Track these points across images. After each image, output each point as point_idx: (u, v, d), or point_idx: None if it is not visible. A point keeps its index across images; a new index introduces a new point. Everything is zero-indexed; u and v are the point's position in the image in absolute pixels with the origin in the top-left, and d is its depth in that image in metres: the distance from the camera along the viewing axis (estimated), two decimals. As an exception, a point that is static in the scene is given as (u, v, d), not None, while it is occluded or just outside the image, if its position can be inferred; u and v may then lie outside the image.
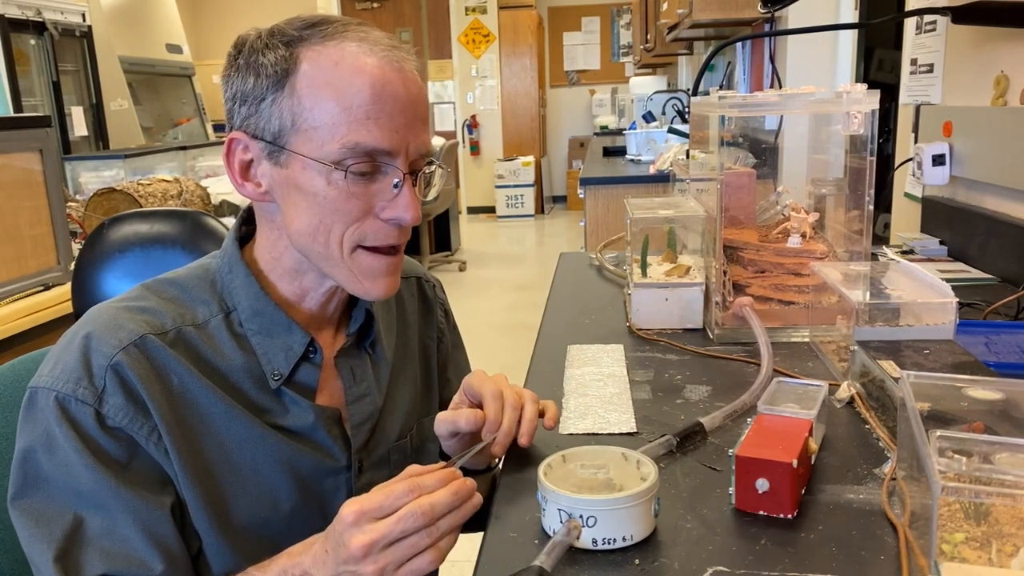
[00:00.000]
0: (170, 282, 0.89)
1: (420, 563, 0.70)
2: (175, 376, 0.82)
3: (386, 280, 0.86)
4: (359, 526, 0.69)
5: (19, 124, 2.25)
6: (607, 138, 6.91)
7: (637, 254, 1.39)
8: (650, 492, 0.71)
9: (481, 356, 2.15)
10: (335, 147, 0.79)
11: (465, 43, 9.33)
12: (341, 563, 0.70)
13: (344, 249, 0.83)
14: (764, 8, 2.13)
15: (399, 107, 0.81)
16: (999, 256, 1.56)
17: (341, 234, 0.83)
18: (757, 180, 1.42)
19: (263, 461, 0.85)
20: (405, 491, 0.69)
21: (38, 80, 4.50)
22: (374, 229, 0.83)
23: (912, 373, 0.74)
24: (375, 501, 0.69)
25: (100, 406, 0.78)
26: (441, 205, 6.54)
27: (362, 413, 0.93)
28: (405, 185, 0.82)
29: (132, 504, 0.77)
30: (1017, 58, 1.55)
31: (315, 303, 0.90)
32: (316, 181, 0.81)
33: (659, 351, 1.22)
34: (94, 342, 0.80)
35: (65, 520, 0.77)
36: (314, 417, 0.88)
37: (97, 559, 0.76)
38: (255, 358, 0.87)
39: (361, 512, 0.69)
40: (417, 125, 0.83)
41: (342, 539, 0.69)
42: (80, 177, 3.59)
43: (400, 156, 0.82)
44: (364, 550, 0.68)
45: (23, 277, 2.14)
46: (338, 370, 0.92)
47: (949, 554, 0.59)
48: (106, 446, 0.78)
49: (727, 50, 4.32)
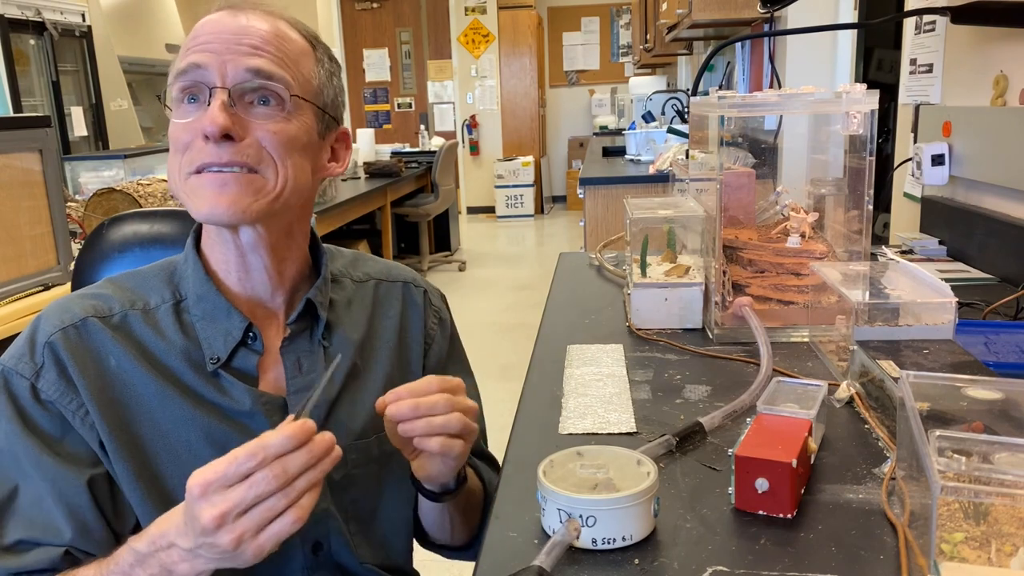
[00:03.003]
0: (133, 274, 0.96)
1: (280, 526, 0.68)
2: (112, 357, 0.87)
3: (215, 196, 0.84)
4: (207, 498, 0.68)
5: (19, 124, 2.25)
6: (607, 138, 6.92)
7: (637, 254, 1.39)
8: (650, 492, 0.71)
9: (481, 356, 2.15)
10: (173, 89, 0.86)
11: (465, 43, 9.33)
12: (198, 535, 0.69)
13: (181, 178, 0.87)
14: (763, 8, 2.13)
15: (216, 34, 0.85)
16: (998, 256, 1.56)
17: (178, 164, 0.86)
18: (757, 180, 1.42)
19: (196, 441, 0.87)
20: (248, 454, 0.68)
21: (38, 80, 4.50)
22: (196, 149, 0.85)
23: (912, 373, 0.74)
24: (219, 470, 0.68)
25: (36, 380, 0.84)
26: (441, 205, 6.54)
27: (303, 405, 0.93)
28: (213, 99, 0.84)
29: (52, 473, 0.82)
30: (1016, 58, 1.55)
31: (235, 278, 0.92)
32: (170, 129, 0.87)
33: (659, 351, 1.22)
34: (41, 323, 0.87)
35: (4, 488, 0.83)
36: (251, 402, 0.89)
37: (19, 526, 0.82)
38: (197, 343, 0.90)
39: (207, 483, 0.68)
40: (243, 50, 0.85)
41: (193, 512, 0.69)
42: (80, 177, 3.59)
43: (212, 71, 0.84)
44: (216, 521, 0.67)
45: (23, 277, 2.14)
46: (282, 359, 0.93)
47: (948, 554, 0.59)
48: (38, 418, 0.84)
49: (726, 50, 4.32)
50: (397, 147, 7.51)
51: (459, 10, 9.25)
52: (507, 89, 9.39)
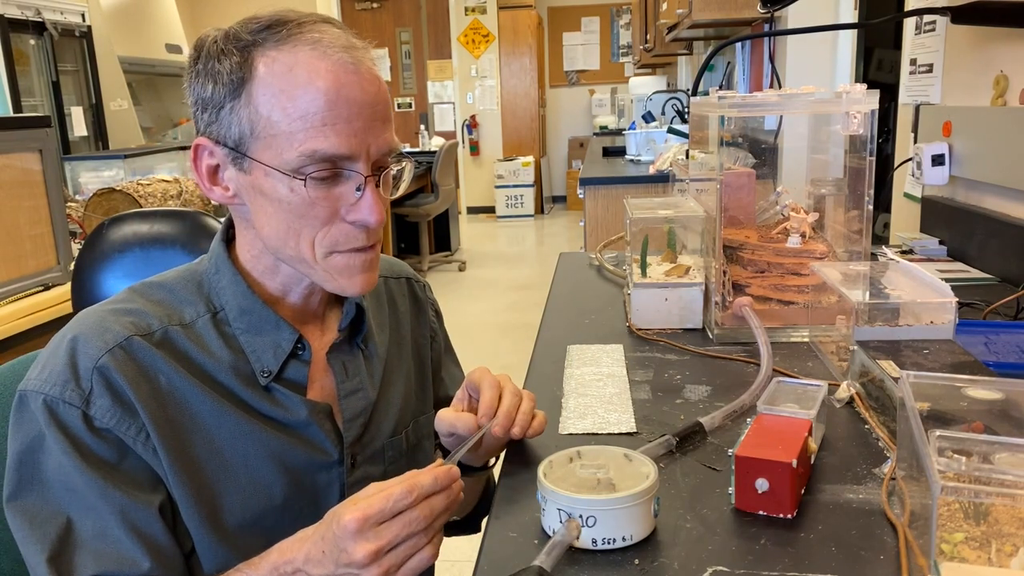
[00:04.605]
0: (157, 285, 0.90)
1: (419, 561, 0.72)
2: (162, 376, 0.82)
3: (362, 276, 0.87)
4: (363, 533, 0.69)
5: (19, 124, 2.24)
6: (607, 138, 6.92)
7: (637, 254, 1.39)
8: (650, 492, 0.71)
9: (481, 356, 2.15)
10: (294, 155, 0.79)
11: (465, 43, 9.33)
12: (343, 567, 0.70)
13: (316, 253, 0.84)
14: (764, 8, 2.13)
15: (356, 110, 0.80)
16: (999, 256, 1.56)
17: (311, 238, 0.83)
18: (757, 180, 1.42)
19: (254, 456, 0.86)
20: (404, 493, 0.70)
21: (38, 80, 4.50)
22: (343, 232, 0.84)
23: (912, 373, 0.74)
24: (376, 507, 0.69)
25: (87, 408, 0.78)
26: (441, 205, 6.54)
27: (355, 408, 0.93)
28: (367, 188, 0.82)
29: (120, 503, 0.78)
30: (1017, 58, 1.55)
31: (298, 297, 0.91)
32: (279, 188, 0.81)
33: (659, 351, 1.22)
34: (81, 345, 0.81)
35: (58, 521, 0.77)
36: (307, 412, 0.88)
37: (89, 560, 0.77)
38: (243, 356, 0.87)
39: (364, 519, 0.69)
40: (377, 126, 0.82)
41: (344, 546, 0.70)
42: (80, 177, 3.58)
43: (360, 159, 0.81)
44: (370, 557, 0.69)
45: (23, 277, 2.14)
46: (330, 365, 0.93)
47: (949, 554, 0.59)
48: (95, 447, 0.79)
49: (727, 50, 4.32)
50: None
51: (459, 10, 9.25)
52: (507, 89, 9.39)
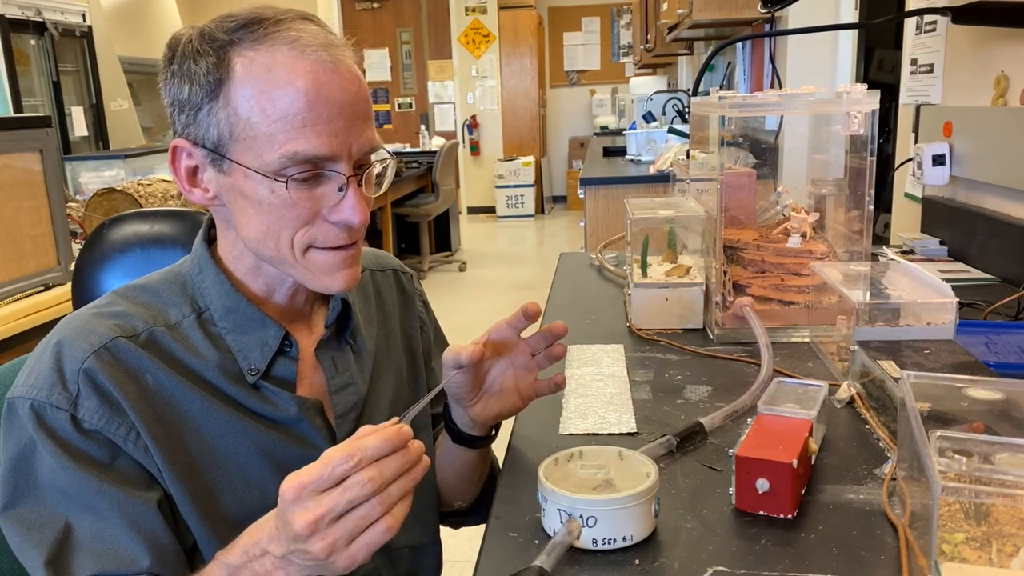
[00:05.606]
0: (141, 288, 0.90)
1: (373, 535, 0.66)
2: (149, 375, 0.82)
3: (344, 273, 0.86)
4: (300, 502, 0.65)
5: (19, 124, 2.25)
6: (607, 138, 6.92)
7: (637, 254, 1.39)
8: (650, 492, 0.71)
9: (481, 356, 2.15)
10: (274, 157, 0.78)
11: (465, 43, 9.33)
12: (290, 541, 0.67)
13: (296, 251, 0.83)
14: (764, 8, 2.13)
15: (336, 110, 0.79)
16: (999, 256, 1.56)
17: (291, 238, 0.83)
18: (757, 180, 1.42)
19: (245, 453, 0.85)
20: (344, 456, 0.65)
21: (38, 80, 4.51)
22: (323, 232, 0.83)
23: (912, 373, 0.74)
24: (313, 474, 0.65)
25: (75, 411, 0.78)
26: (441, 205, 6.54)
27: (346, 403, 0.93)
28: (350, 188, 0.81)
29: (117, 500, 0.78)
30: (1017, 58, 1.55)
31: (283, 297, 0.91)
32: (259, 190, 0.80)
33: (659, 351, 1.22)
34: (66, 348, 0.80)
35: (56, 526, 0.77)
36: (297, 408, 0.88)
37: (88, 561, 0.77)
38: (230, 355, 0.87)
39: (300, 487, 0.65)
40: (358, 124, 0.81)
41: (286, 517, 0.66)
42: (80, 177, 3.59)
43: (342, 159, 0.80)
44: (309, 528, 0.64)
45: (23, 277, 2.14)
46: (319, 362, 0.93)
47: (949, 554, 0.59)
48: (86, 449, 0.78)
49: (727, 50, 4.32)
50: (397, 147, 7.51)
51: (459, 10, 9.25)
52: (507, 89, 9.39)
